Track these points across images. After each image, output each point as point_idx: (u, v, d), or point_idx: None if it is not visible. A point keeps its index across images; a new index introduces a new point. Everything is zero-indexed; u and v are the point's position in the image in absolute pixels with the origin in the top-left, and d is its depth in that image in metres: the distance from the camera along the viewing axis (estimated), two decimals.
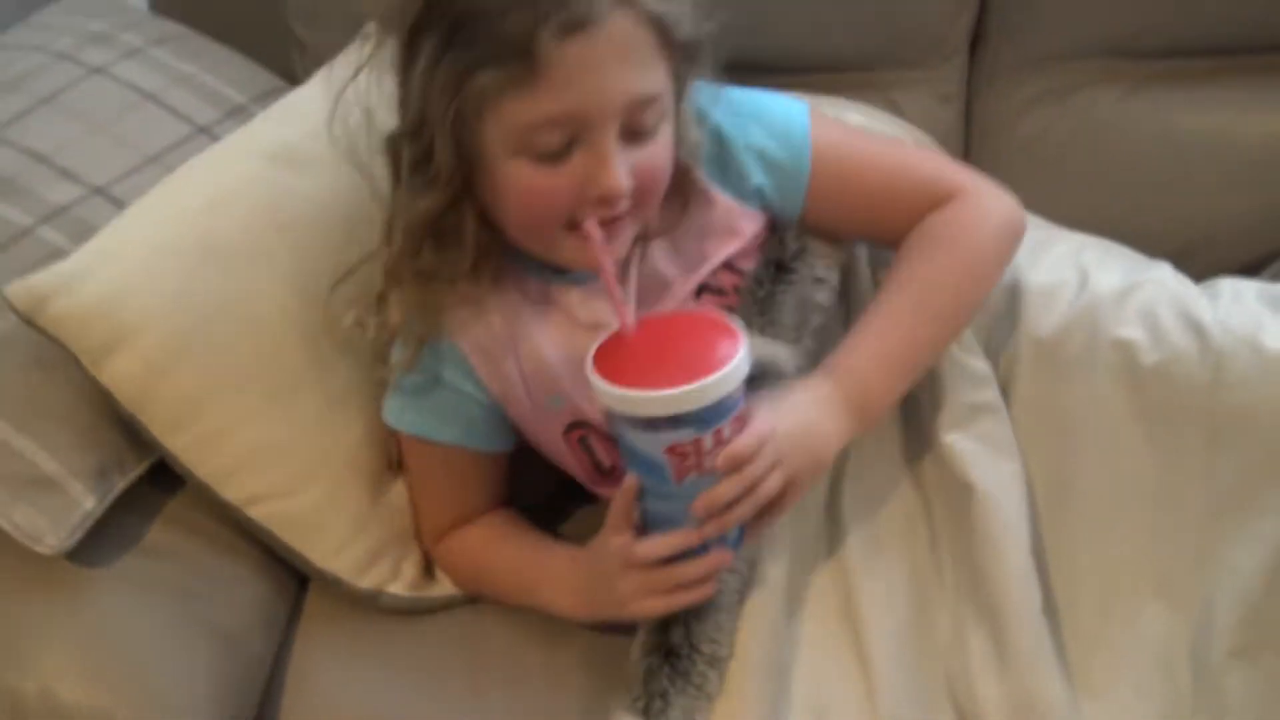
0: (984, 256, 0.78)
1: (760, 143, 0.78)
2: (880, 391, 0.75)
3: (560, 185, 0.68)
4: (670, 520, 0.70)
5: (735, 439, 0.67)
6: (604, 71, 0.66)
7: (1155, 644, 0.75)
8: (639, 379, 0.65)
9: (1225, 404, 0.76)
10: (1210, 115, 0.99)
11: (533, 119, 0.66)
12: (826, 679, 0.75)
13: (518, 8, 0.64)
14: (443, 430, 0.81)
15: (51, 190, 0.86)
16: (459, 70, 0.66)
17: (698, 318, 0.71)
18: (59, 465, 0.76)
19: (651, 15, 0.67)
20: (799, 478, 0.70)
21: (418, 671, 0.82)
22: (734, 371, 0.65)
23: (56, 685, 0.71)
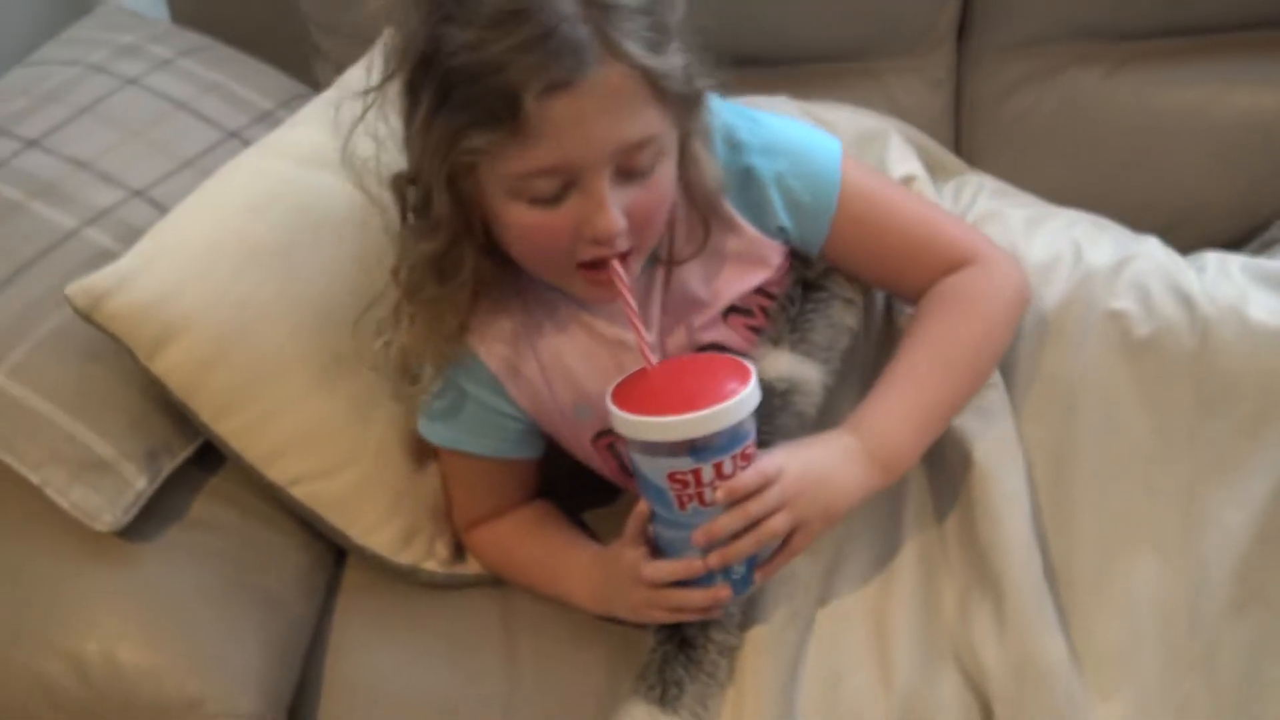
0: (1000, 322, 0.80)
1: (790, 185, 0.79)
2: (904, 447, 0.76)
3: (558, 225, 0.70)
4: (678, 546, 0.73)
5: (738, 474, 0.69)
6: (591, 123, 0.67)
7: (1152, 600, 0.78)
8: (646, 407, 0.68)
9: (1212, 370, 0.80)
10: (1190, 92, 1.02)
11: (524, 170, 0.68)
12: (840, 648, 0.78)
13: (503, 70, 0.65)
14: (476, 444, 0.84)
15: (94, 194, 0.90)
16: (451, 130, 0.68)
17: (719, 359, 0.74)
18: (112, 449, 0.80)
19: (638, 68, 0.67)
20: (809, 523, 0.72)
21: (451, 642, 0.86)
22: (731, 408, 0.67)
23: (117, 647, 0.75)
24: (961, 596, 0.80)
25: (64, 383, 0.81)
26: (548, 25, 0.65)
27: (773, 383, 0.79)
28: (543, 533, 0.88)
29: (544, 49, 0.64)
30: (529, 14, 0.65)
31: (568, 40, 0.65)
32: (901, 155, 0.93)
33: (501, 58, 0.65)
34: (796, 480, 0.71)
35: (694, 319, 0.81)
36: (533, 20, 0.65)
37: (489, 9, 0.65)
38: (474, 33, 0.65)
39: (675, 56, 0.69)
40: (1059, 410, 0.82)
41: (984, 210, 0.91)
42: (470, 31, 0.66)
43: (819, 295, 0.82)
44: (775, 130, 0.81)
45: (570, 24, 0.65)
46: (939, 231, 0.82)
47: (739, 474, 0.69)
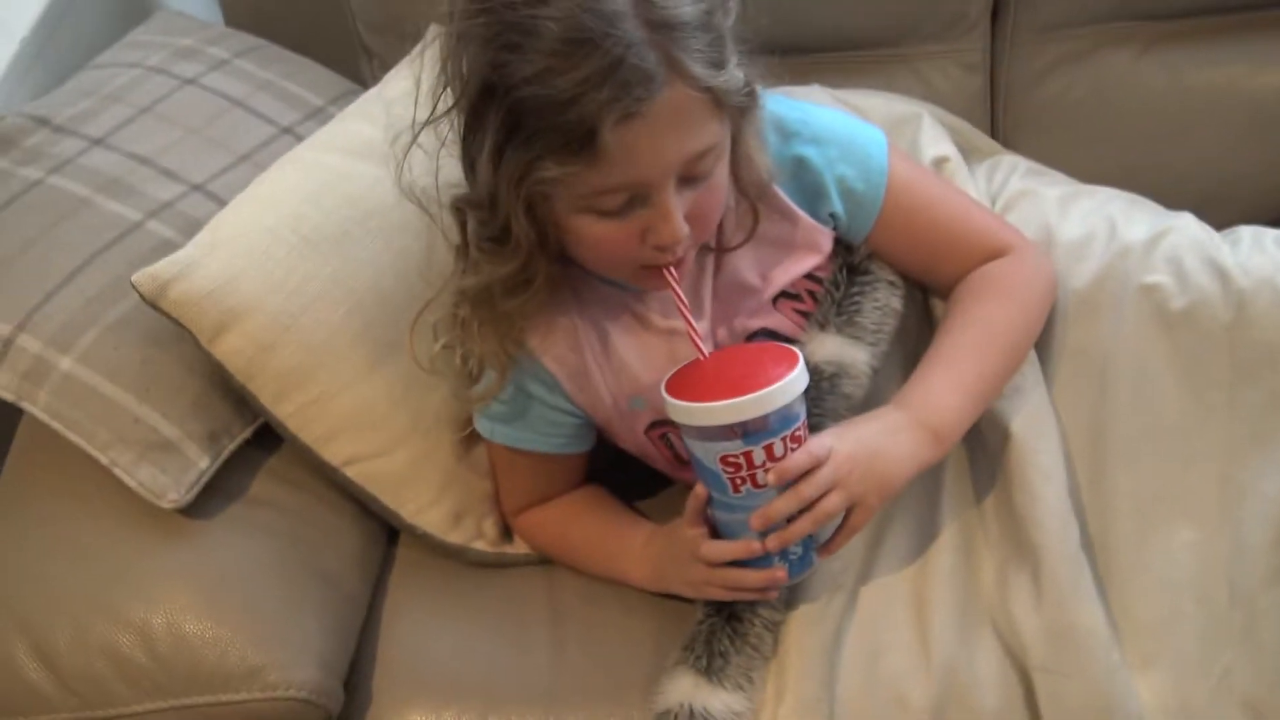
0: (1035, 308, 0.82)
1: (843, 172, 0.81)
2: (953, 417, 0.77)
3: (625, 235, 0.71)
4: (735, 528, 0.75)
5: (789, 456, 0.71)
6: (661, 143, 0.67)
7: (1190, 569, 0.79)
8: (698, 394, 0.71)
9: (1247, 341, 0.80)
10: (1222, 71, 1.02)
11: (595, 189, 0.69)
12: (880, 624, 0.79)
13: (576, 103, 0.64)
14: (531, 441, 0.86)
15: (156, 188, 0.93)
16: (525, 161, 0.67)
17: (769, 347, 0.76)
18: (177, 430, 0.84)
19: (703, 86, 0.67)
20: (865, 500, 0.73)
21: (501, 619, 0.88)
22: (778, 391, 0.69)
23: (181, 619, 0.79)
24: (1000, 568, 0.80)
25: (130, 367, 0.84)
26: (616, 54, 0.64)
27: (820, 366, 0.81)
28: (595, 514, 0.90)
29: (616, 80, 0.64)
30: (595, 42, 0.64)
31: (638, 69, 0.65)
32: (934, 138, 0.94)
33: (573, 90, 0.64)
34: (847, 459, 0.72)
35: (745, 305, 0.83)
36: (600, 49, 0.64)
37: (553, 37, 0.65)
38: (540, 62, 0.65)
39: (735, 70, 0.70)
40: (1095, 383, 0.83)
41: (1018, 189, 0.92)
42: (536, 61, 0.65)
43: (864, 279, 0.83)
44: (824, 120, 0.82)
45: (638, 49, 0.65)
46: (976, 222, 0.84)
47: (790, 456, 0.71)
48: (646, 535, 0.85)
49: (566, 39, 0.65)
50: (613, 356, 0.82)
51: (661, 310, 0.82)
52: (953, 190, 0.88)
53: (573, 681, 0.84)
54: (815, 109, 0.84)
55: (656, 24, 0.66)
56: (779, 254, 0.82)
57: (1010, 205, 0.91)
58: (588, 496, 0.91)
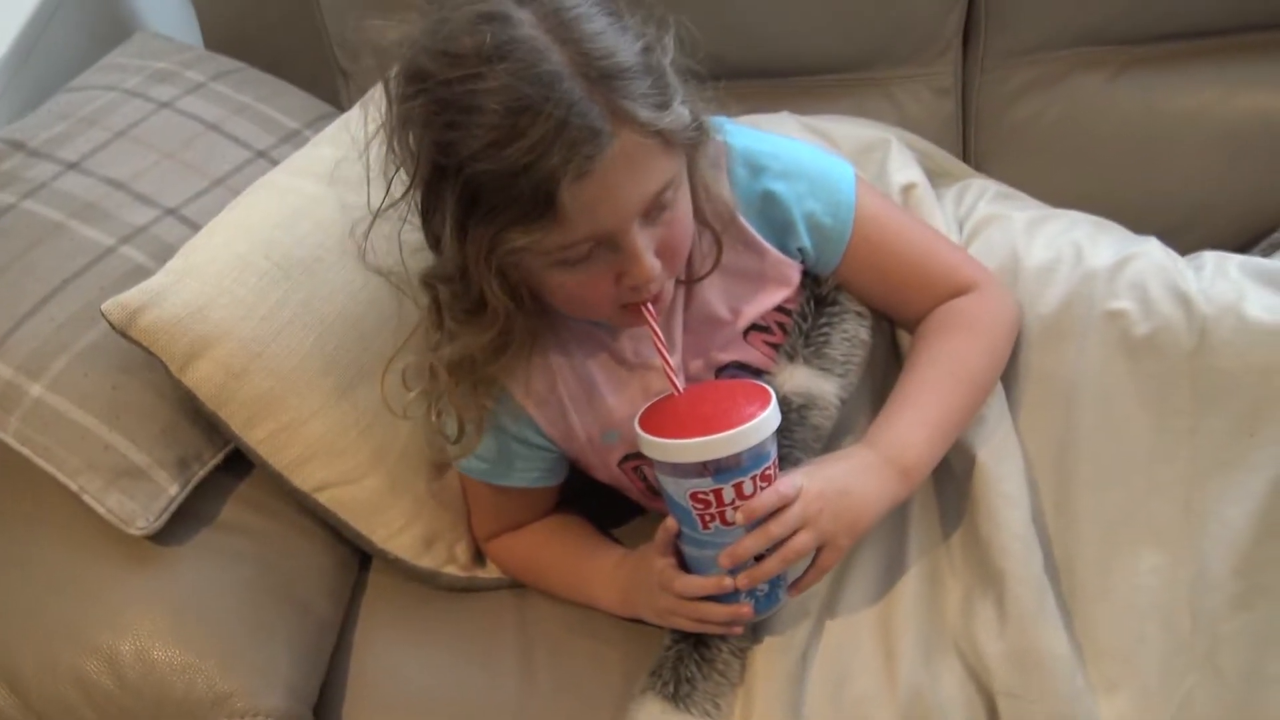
0: (1000, 343, 0.83)
1: (811, 207, 0.81)
2: (921, 454, 0.78)
3: (599, 281, 0.72)
4: (704, 564, 0.75)
5: (757, 495, 0.71)
6: (618, 192, 0.68)
7: (1154, 594, 0.79)
8: (670, 430, 0.71)
9: (1210, 368, 0.81)
10: (1193, 96, 1.03)
11: (562, 245, 0.69)
12: (847, 650, 0.80)
13: (529, 171, 0.64)
14: (507, 477, 0.86)
15: (130, 213, 0.93)
16: (490, 234, 0.68)
17: (743, 384, 0.76)
18: (146, 456, 0.84)
19: (651, 131, 0.67)
20: (835, 539, 0.74)
21: (471, 644, 0.89)
22: (748, 430, 0.69)
23: (149, 645, 0.79)
24: (965, 594, 0.81)
25: (100, 394, 0.84)
26: (559, 116, 0.64)
27: (789, 397, 0.81)
28: (566, 539, 0.90)
29: (563, 141, 0.64)
30: (537, 108, 0.64)
31: (583, 127, 0.65)
32: (902, 163, 0.94)
33: (523, 159, 0.64)
34: (817, 498, 0.73)
35: (716, 338, 0.83)
36: (543, 114, 0.64)
37: (494, 110, 0.64)
38: (485, 136, 0.65)
39: (680, 107, 0.70)
40: (1060, 409, 0.83)
41: (986, 213, 0.93)
42: (481, 136, 0.65)
43: (832, 310, 0.84)
44: (793, 154, 0.83)
45: (580, 107, 0.65)
46: (942, 258, 0.85)
47: (758, 495, 0.71)
48: (616, 560, 0.86)
49: (507, 109, 0.64)
50: (587, 391, 0.83)
51: (634, 346, 0.82)
52: (920, 225, 0.88)
53: (542, 707, 0.85)
54: (785, 142, 0.84)
55: (595, 77, 0.66)
56: (748, 287, 0.83)
57: (978, 230, 0.91)
58: (560, 522, 0.91)
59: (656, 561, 0.77)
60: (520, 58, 0.65)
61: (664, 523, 0.75)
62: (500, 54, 0.65)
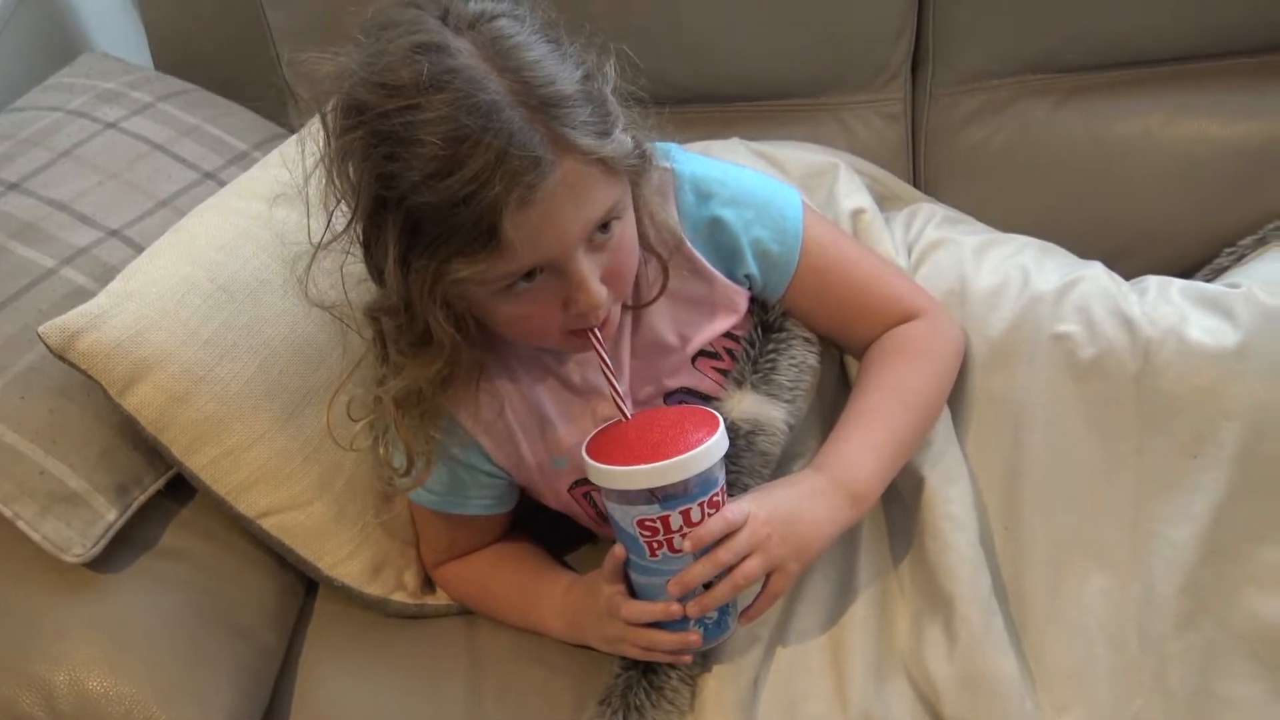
0: (946, 369, 0.84)
1: (758, 234, 0.81)
2: (870, 478, 0.78)
3: (546, 308, 0.71)
4: (653, 591, 0.75)
5: (705, 521, 0.71)
6: (561, 220, 0.67)
7: (1102, 615, 0.80)
8: (617, 457, 0.70)
9: (1154, 390, 0.82)
10: (1138, 122, 1.04)
11: (507, 275, 0.69)
12: (798, 675, 0.80)
13: (470, 201, 0.64)
14: (456, 505, 0.85)
15: (72, 234, 0.92)
16: (433, 266, 0.67)
17: (691, 410, 0.75)
18: (83, 482, 0.82)
19: (593, 158, 0.67)
20: (784, 565, 0.73)
21: (419, 673, 0.87)
22: (695, 457, 0.69)
23: (84, 675, 0.77)
24: (914, 618, 0.81)
25: (36, 418, 0.83)
26: (499, 146, 0.63)
27: (736, 423, 0.81)
28: (516, 565, 0.89)
29: (503, 170, 0.64)
30: (476, 138, 0.63)
31: (523, 155, 0.64)
32: (850, 190, 0.95)
33: (464, 190, 0.64)
34: (765, 523, 0.72)
35: (664, 363, 0.83)
36: (482, 144, 0.63)
37: (435, 142, 0.64)
38: (425, 168, 0.64)
39: (622, 134, 0.70)
40: (1008, 431, 0.84)
41: (935, 238, 0.93)
42: (420, 168, 0.64)
43: (779, 336, 0.84)
44: (741, 181, 0.83)
45: (520, 136, 0.64)
46: (889, 286, 0.85)
47: (706, 521, 0.71)
48: (565, 586, 0.85)
49: (446, 140, 0.64)
50: (536, 418, 0.82)
51: (582, 372, 0.82)
52: (866, 252, 0.89)
53: None
54: (733, 169, 0.85)
55: (535, 105, 0.66)
56: (696, 314, 0.83)
57: (926, 254, 0.92)
58: (509, 548, 0.91)
59: (604, 588, 0.76)
60: (458, 88, 0.64)
61: (612, 550, 0.75)
62: (438, 84, 0.64)
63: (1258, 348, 0.81)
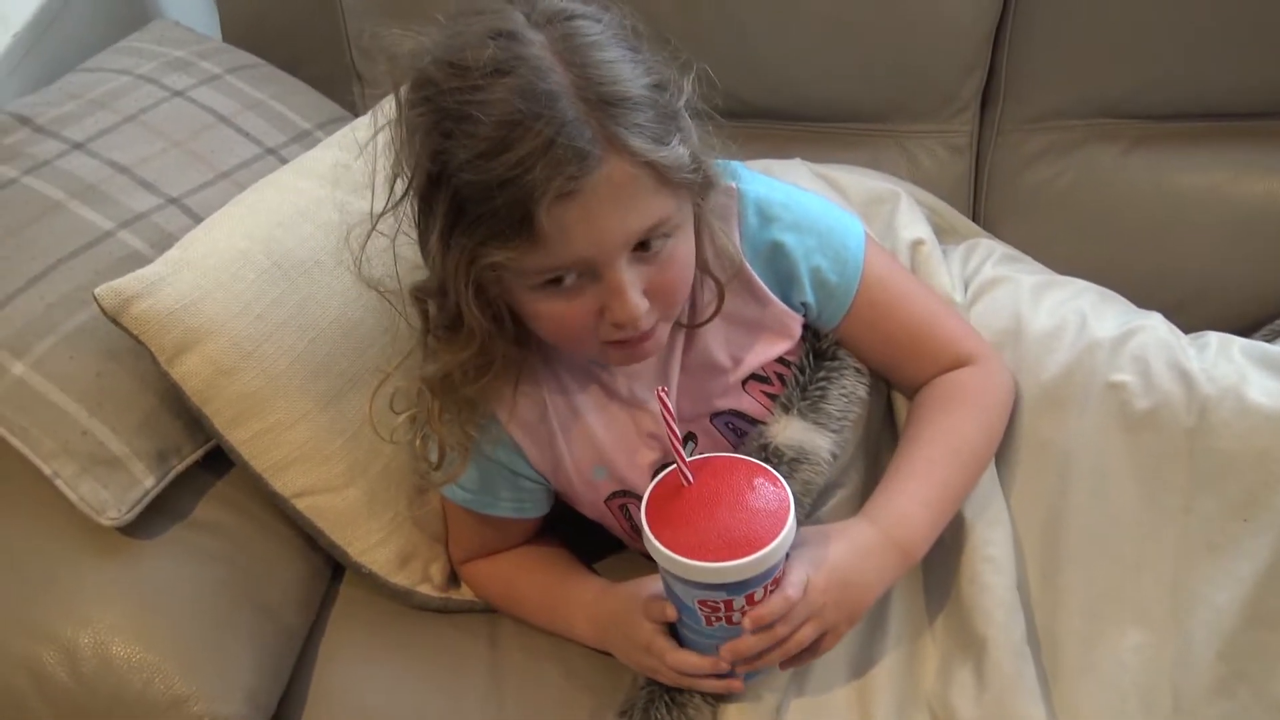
0: (999, 418, 0.82)
1: (818, 262, 0.80)
2: (922, 533, 0.77)
3: (582, 312, 0.70)
4: (701, 646, 0.74)
5: (766, 600, 0.69)
6: (601, 221, 0.66)
7: (1136, 673, 0.78)
8: (683, 539, 0.68)
9: (1207, 449, 0.80)
10: (1206, 175, 1.03)
11: (541, 269, 0.68)
12: (822, 705, 0.78)
13: (511, 185, 0.64)
14: (491, 506, 0.85)
15: (132, 198, 0.92)
16: (470, 247, 0.67)
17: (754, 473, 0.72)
18: (124, 446, 0.82)
19: (643, 162, 0.67)
20: (836, 628, 0.73)
21: (439, 665, 0.87)
22: (769, 555, 0.67)
23: (109, 640, 0.77)
24: (944, 660, 0.80)
25: (83, 378, 0.83)
26: (548, 135, 0.64)
27: (780, 449, 0.80)
28: (545, 567, 0.89)
29: (548, 158, 0.64)
30: (529, 124, 0.64)
31: (571, 147, 0.64)
32: (910, 219, 0.94)
33: (508, 173, 0.64)
34: (821, 593, 0.72)
35: (714, 384, 0.82)
36: (533, 130, 0.64)
37: (490, 123, 0.64)
38: (476, 148, 0.65)
39: (680, 146, 0.69)
40: (1055, 477, 0.83)
41: (993, 275, 0.92)
42: (472, 147, 0.65)
43: (831, 364, 0.83)
44: (805, 206, 0.82)
45: (571, 128, 0.64)
46: (944, 328, 0.84)
47: (767, 601, 0.70)
48: (596, 593, 0.84)
49: (499, 123, 0.64)
50: (578, 424, 0.82)
51: (629, 382, 0.81)
52: (925, 291, 0.88)
53: None
54: (798, 193, 0.84)
55: (594, 101, 0.66)
56: (749, 336, 0.82)
57: (983, 290, 0.91)
58: (538, 549, 0.90)
59: (644, 626, 0.75)
60: (522, 74, 0.65)
61: (663, 608, 0.73)
62: (504, 69, 0.65)
63: None
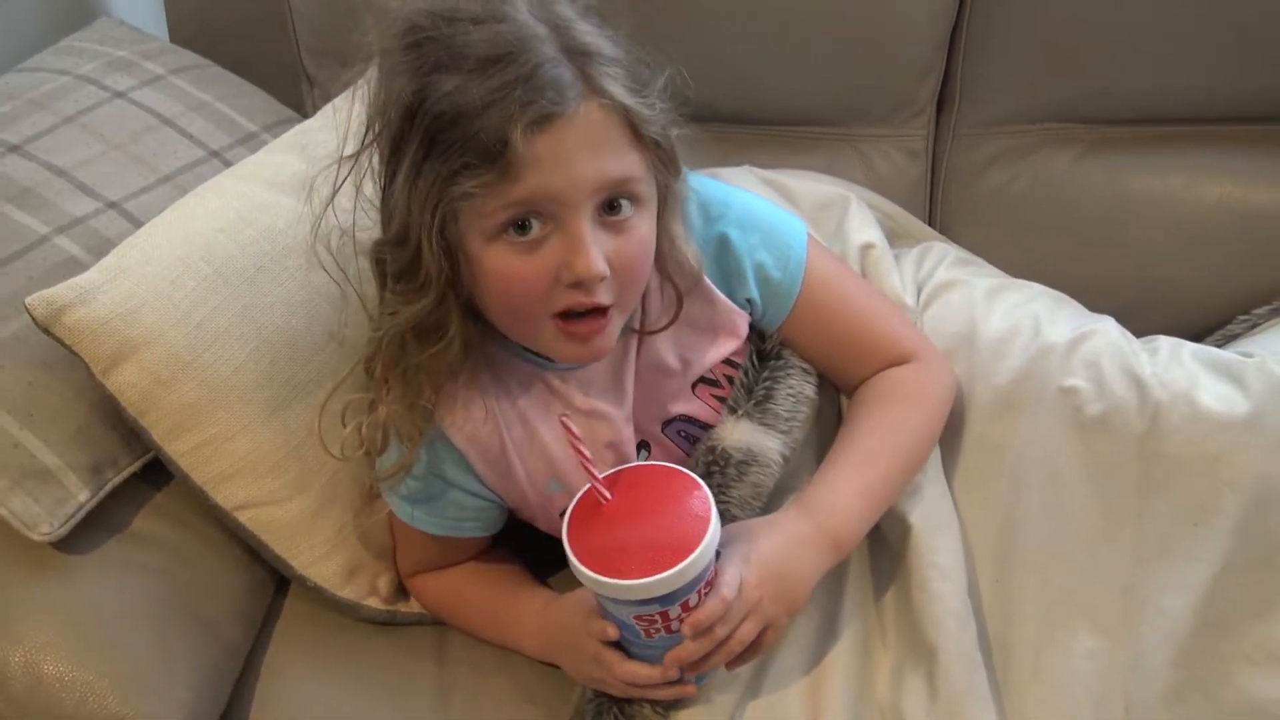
0: (937, 415, 0.83)
1: (762, 259, 0.81)
2: (854, 524, 0.77)
3: (538, 270, 0.69)
4: (646, 656, 0.73)
5: (702, 604, 0.69)
6: (574, 157, 0.68)
7: (1089, 679, 0.78)
8: (609, 560, 0.67)
9: (1158, 453, 0.80)
10: (1160, 180, 1.03)
11: (507, 203, 0.68)
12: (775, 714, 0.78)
13: (489, 109, 0.66)
14: (438, 526, 0.84)
15: (69, 202, 0.90)
16: (441, 177, 0.67)
17: (673, 479, 0.71)
18: (57, 459, 0.80)
19: (620, 106, 0.69)
20: (775, 621, 0.73)
21: (386, 680, 0.85)
22: (695, 561, 0.66)
23: (40, 658, 0.75)
24: (896, 667, 0.79)
25: (14, 389, 0.81)
26: (531, 65, 0.66)
27: (729, 450, 0.80)
28: (491, 580, 0.87)
29: (529, 85, 0.66)
30: (513, 56, 0.67)
31: (551, 77, 0.67)
32: (860, 224, 0.94)
33: (487, 98, 0.66)
34: (756, 588, 0.71)
35: (665, 389, 0.82)
36: (517, 61, 0.66)
37: (475, 57, 0.67)
38: (460, 78, 0.67)
39: (655, 103, 0.71)
40: (1007, 483, 0.82)
41: (946, 278, 0.92)
42: (456, 77, 0.67)
43: (776, 364, 0.83)
44: (748, 204, 0.83)
45: (552, 64, 0.67)
46: (887, 326, 0.84)
47: (703, 605, 0.69)
48: (540, 606, 0.83)
49: (487, 55, 0.67)
50: (530, 437, 0.81)
51: (582, 389, 0.80)
52: (867, 289, 0.88)
53: None
54: (740, 193, 0.84)
55: (574, 49, 0.69)
56: (698, 337, 0.81)
57: (936, 294, 0.91)
58: (488, 563, 0.89)
59: (588, 641, 0.74)
60: (510, 22, 0.68)
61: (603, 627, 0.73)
62: (495, 17, 0.68)
63: (1268, 419, 0.79)
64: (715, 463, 0.80)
